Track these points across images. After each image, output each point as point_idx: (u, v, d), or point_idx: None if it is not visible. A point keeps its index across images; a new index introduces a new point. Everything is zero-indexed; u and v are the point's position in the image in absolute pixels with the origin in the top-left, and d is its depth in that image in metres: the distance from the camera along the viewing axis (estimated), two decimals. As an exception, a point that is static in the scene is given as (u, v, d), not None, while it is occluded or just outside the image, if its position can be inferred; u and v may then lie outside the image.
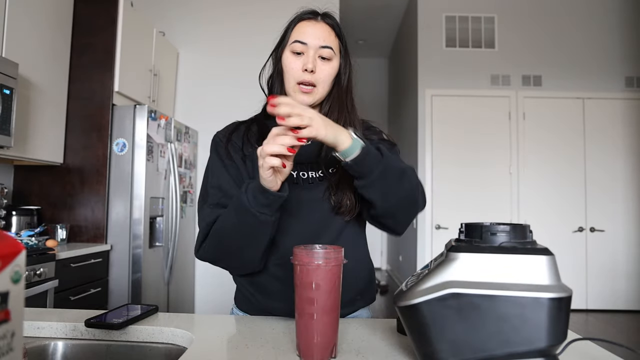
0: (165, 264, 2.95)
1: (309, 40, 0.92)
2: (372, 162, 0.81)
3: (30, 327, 0.86)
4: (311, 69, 0.91)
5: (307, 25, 0.94)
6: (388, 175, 0.82)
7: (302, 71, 0.92)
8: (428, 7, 4.50)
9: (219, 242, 0.88)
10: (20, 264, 0.37)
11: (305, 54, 0.92)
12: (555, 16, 4.46)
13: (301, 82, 0.92)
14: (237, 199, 0.83)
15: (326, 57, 0.93)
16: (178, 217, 2.99)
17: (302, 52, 0.92)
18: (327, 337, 0.67)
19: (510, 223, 0.62)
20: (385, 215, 0.91)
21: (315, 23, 0.94)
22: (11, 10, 2.17)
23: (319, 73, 0.93)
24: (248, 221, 0.81)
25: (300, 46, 0.92)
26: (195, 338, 0.79)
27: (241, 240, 0.85)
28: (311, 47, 0.92)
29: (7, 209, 2.39)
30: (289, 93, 0.95)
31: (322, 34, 0.93)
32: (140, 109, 2.69)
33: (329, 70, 0.94)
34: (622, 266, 4.31)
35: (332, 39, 0.95)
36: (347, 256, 0.97)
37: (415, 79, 4.57)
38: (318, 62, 0.93)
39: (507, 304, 0.55)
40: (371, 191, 0.84)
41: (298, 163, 0.95)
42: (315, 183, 0.96)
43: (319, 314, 0.67)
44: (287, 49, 0.94)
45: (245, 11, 3.71)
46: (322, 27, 0.94)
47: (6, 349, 0.36)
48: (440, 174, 4.37)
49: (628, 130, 4.39)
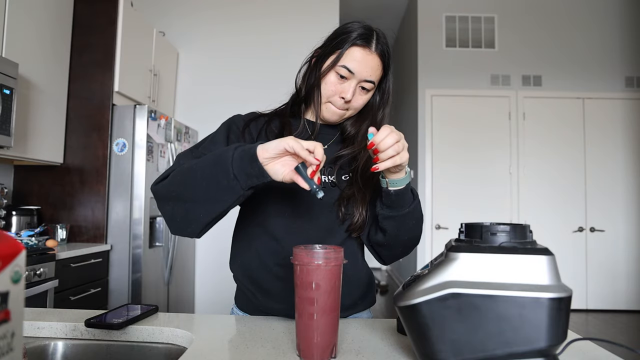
0: (165, 264, 2.95)
1: (357, 71, 0.90)
2: (408, 200, 0.87)
3: (30, 327, 0.86)
4: (349, 100, 0.92)
5: (361, 53, 0.90)
6: (412, 217, 0.89)
7: (339, 97, 0.92)
8: (428, 7, 4.50)
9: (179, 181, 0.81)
10: (20, 264, 0.37)
11: (348, 83, 0.91)
12: (555, 16, 4.46)
13: (333, 103, 0.93)
14: (222, 151, 0.78)
15: (366, 88, 0.93)
16: (178, 217, 2.98)
17: (346, 78, 0.91)
18: (327, 337, 0.67)
19: (510, 223, 0.62)
20: (386, 245, 0.94)
21: (369, 54, 0.91)
22: (11, 10, 2.17)
23: (354, 102, 0.93)
24: (218, 177, 0.75)
25: (347, 73, 0.90)
26: (195, 338, 0.79)
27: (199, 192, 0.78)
28: (356, 78, 0.91)
29: (7, 209, 2.39)
30: (318, 107, 0.95)
31: (371, 69, 0.91)
32: (140, 109, 2.69)
33: (364, 100, 0.95)
34: (622, 266, 4.31)
35: (379, 73, 0.93)
36: (350, 264, 0.97)
37: (415, 79, 4.57)
38: (357, 91, 0.93)
39: (507, 304, 0.55)
40: (391, 223, 0.89)
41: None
42: (328, 188, 0.96)
43: (319, 314, 0.67)
44: (333, 69, 0.92)
45: (246, 11, 3.71)
46: (374, 59, 0.91)
47: (6, 349, 0.36)
48: (440, 174, 4.37)
49: (628, 130, 4.39)
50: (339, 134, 1.02)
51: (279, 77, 3.06)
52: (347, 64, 0.90)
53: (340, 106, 0.93)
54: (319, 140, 0.98)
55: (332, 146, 1.00)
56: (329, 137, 1.01)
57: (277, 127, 0.99)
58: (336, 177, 0.97)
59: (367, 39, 0.90)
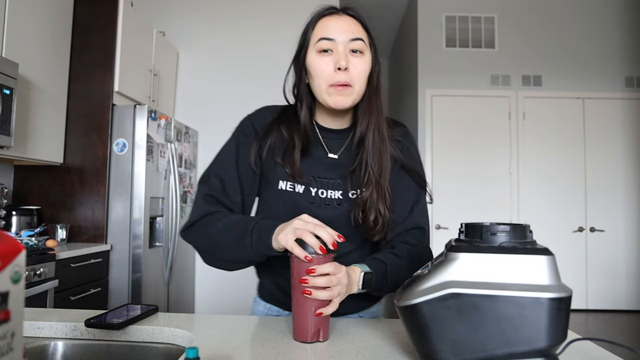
0: (165, 264, 2.95)
1: (336, 35, 0.82)
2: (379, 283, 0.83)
3: (30, 327, 0.86)
4: (345, 66, 0.81)
5: (331, 20, 0.84)
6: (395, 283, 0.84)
7: (335, 71, 0.82)
8: (428, 7, 4.49)
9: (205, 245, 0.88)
10: (20, 264, 0.37)
11: (335, 51, 0.82)
12: (556, 16, 4.46)
13: (335, 84, 0.83)
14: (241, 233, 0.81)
15: (358, 50, 0.83)
16: (178, 217, 2.99)
17: (330, 49, 0.82)
18: (316, 321, 0.74)
19: (510, 223, 0.62)
20: None
21: (339, 17, 0.85)
22: (11, 10, 2.17)
23: (353, 69, 0.82)
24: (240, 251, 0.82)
25: (328, 43, 0.82)
26: (195, 338, 0.79)
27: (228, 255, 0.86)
28: (340, 43, 0.82)
29: (7, 209, 2.39)
30: (322, 97, 0.85)
31: (349, 27, 0.83)
32: (140, 109, 2.69)
33: (364, 64, 0.84)
34: (622, 266, 4.31)
35: (361, 31, 0.85)
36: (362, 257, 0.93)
37: (415, 79, 4.57)
38: (350, 57, 0.82)
39: (507, 304, 0.55)
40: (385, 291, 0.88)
41: (319, 177, 0.90)
42: (333, 206, 0.90)
43: (310, 300, 0.73)
44: (312, 49, 0.84)
45: (245, 11, 3.71)
46: (348, 19, 0.85)
47: (6, 349, 0.36)
48: (440, 174, 4.37)
49: (628, 130, 4.39)
50: (351, 138, 0.93)
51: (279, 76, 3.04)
52: (323, 34, 0.83)
53: (342, 81, 0.82)
54: (329, 148, 0.92)
55: (344, 153, 0.92)
56: (340, 142, 0.93)
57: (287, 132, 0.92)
58: (343, 194, 0.91)
59: (331, 9, 0.87)
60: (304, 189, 0.90)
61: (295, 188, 0.89)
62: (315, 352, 0.72)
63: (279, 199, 0.90)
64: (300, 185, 0.89)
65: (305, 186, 0.89)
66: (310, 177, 0.90)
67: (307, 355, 0.70)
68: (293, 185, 0.89)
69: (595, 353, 0.72)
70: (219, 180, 0.90)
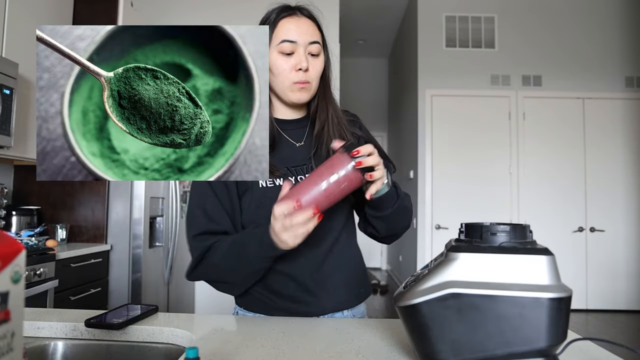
0: (165, 264, 2.95)
1: (297, 37, 0.90)
2: (391, 200, 0.88)
3: (30, 327, 0.86)
4: (306, 68, 0.90)
5: (291, 22, 0.91)
6: (399, 212, 0.91)
7: (296, 71, 0.90)
8: (428, 7, 4.50)
9: (212, 273, 0.91)
10: (20, 264, 0.37)
11: (296, 53, 0.90)
12: (556, 16, 4.46)
13: (296, 82, 0.91)
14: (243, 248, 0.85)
15: (315, 54, 0.92)
16: (178, 217, 2.99)
17: (292, 51, 0.90)
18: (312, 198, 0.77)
19: (510, 223, 0.62)
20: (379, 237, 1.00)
21: (298, 19, 0.92)
22: (11, 10, 2.17)
23: (312, 70, 0.92)
24: (248, 267, 0.87)
25: (290, 46, 0.89)
26: (195, 338, 0.79)
27: (237, 275, 0.90)
28: (300, 45, 0.90)
29: (7, 209, 2.39)
30: (285, 93, 0.93)
31: (308, 30, 0.91)
32: (140, 109, 2.69)
33: (320, 65, 0.94)
34: (622, 266, 4.31)
35: (317, 33, 0.93)
36: (345, 255, 0.97)
37: (415, 79, 4.57)
38: (309, 59, 0.91)
39: (507, 304, 0.55)
40: (380, 222, 0.93)
41: (293, 167, 0.95)
42: None
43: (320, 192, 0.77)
44: (274, 49, 0.91)
45: (245, 11, 3.71)
46: (306, 22, 0.92)
47: (6, 349, 0.36)
48: (440, 174, 4.37)
49: (628, 130, 4.39)
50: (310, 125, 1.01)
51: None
52: (285, 37, 0.90)
53: (302, 80, 0.90)
54: (293, 138, 0.98)
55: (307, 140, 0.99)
56: (302, 130, 1.00)
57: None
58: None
59: (289, 9, 0.93)
60: (284, 181, 0.92)
61: (276, 182, 0.93)
62: (316, 352, 0.72)
63: (263, 197, 0.92)
64: (278, 179, 0.93)
65: (283, 178, 0.93)
66: (284, 169, 0.94)
67: (307, 354, 0.70)
68: (273, 181, 0.92)
69: (595, 353, 0.72)
70: (202, 212, 0.92)
